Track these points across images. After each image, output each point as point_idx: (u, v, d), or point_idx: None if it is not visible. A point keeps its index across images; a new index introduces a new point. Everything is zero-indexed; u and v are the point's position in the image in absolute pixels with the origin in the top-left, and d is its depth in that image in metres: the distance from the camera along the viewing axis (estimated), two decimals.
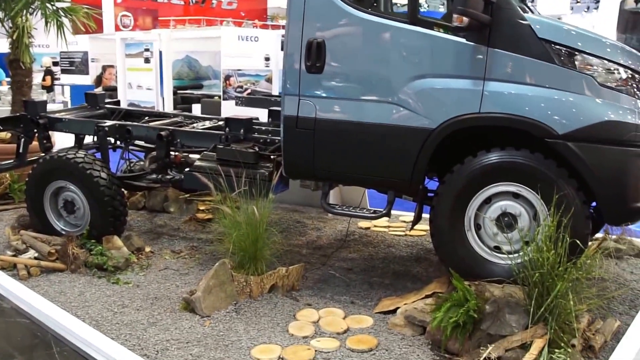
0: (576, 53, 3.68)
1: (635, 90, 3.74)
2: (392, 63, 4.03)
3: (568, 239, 3.40)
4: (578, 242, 3.48)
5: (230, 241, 4.18)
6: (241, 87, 12.32)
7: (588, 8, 22.58)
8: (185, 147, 5.33)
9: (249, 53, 12.40)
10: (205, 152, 4.95)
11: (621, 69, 3.72)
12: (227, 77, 12.29)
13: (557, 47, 3.68)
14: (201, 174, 4.56)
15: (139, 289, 4.45)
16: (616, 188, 3.65)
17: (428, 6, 23.94)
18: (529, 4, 4.50)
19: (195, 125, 5.62)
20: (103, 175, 4.90)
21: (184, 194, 6.37)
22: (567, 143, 3.61)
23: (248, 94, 11.74)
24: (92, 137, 5.67)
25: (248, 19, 21.75)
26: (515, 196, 3.84)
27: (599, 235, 5.19)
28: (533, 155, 3.72)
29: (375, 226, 6.09)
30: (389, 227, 6.09)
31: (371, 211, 4.39)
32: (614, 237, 5.53)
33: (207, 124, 5.66)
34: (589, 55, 3.69)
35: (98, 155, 5.38)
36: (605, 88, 3.66)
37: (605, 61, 3.70)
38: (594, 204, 3.94)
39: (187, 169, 4.92)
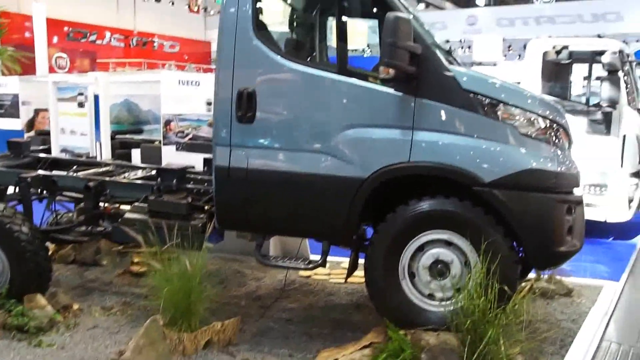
0: (499, 104, 3.82)
1: (554, 139, 3.91)
2: (323, 113, 4.08)
3: (497, 284, 3.46)
4: (506, 288, 3.54)
5: (162, 297, 4.04)
6: (182, 132, 12.14)
7: (519, 56, 23.74)
8: (115, 198, 5.17)
9: (190, 97, 12.28)
10: (136, 204, 4.82)
11: (540, 119, 3.89)
12: (168, 122, 12.10)
13: (481, 98, 3.82)
14: (130, 227, 4.42)
15: (63, 351, 4.20)
16: (540, 233, 3.77)
17: (371, 51, 24.62)
18: (462, 52, 4.67)
19: (126, 175, 5.48)
20: (24, 229, 4.64)
21: (117, 246, 6.16)
22: (493, 191, 3.71)
23: (189, 139, 11.58)
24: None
25: (191, 63, 21.73)
26: (448, 243, 3.90)
27: (531, 275, 5.32)
28: (462, 203, 3.81)
29: (316, 274, 6.02)
30: (330, 274, 6.03)
31: (307, 261, 4.36)
32: (545, 277, 5.68)
33: (140, 173, 5.53)
34: (511, 106, 3.85)
35: (20, 207, 5.14)
36: (526, 137, 3.81)
37: (526, 112, 3.87)
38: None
39: (114, 223, 4.77)
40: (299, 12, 5.06)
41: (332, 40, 4.28)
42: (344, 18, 4.09)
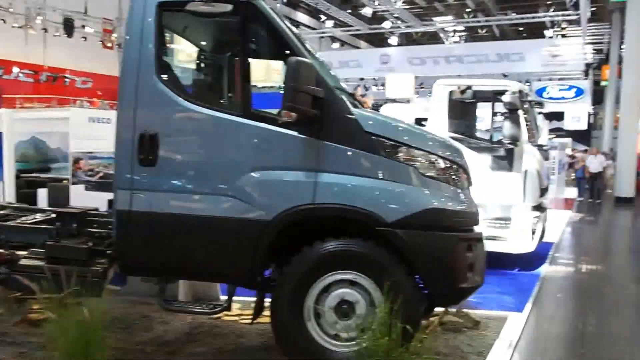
0: (401, 146, 3.94)
1: (454, 179, 4.07)
2: (227, 156, 4.06)
3: (400, 324, 3.50)
4: (409, 326, 3.59)
5: (58, 348, 3.81)
6: (92, 170, 11.70)
7: (431, 93, 24.89)
8: (11, 243, 4.87)
9: (101, 135, 11.89)
10: (33, 250, 4.56)
11: (441, 160, 4.04)
12: (77, 160, 11.64)
13: (383, 140, 3.92)
14: (25, 275, 4.17)
15: None
16: (442, 271, 3.88)
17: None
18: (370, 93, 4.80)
19: (24, 218, 5.19)
20: None
21: (14, 292, 5.77)
22: (395, 231, 3.79)
23: (100, 177, 11.18)
24: None
25: (105, 99, 21.09)
26: (353, 284, 3.92)
27: (440, 310, 5.45)
28: (366, 244, 3.86)
29: (226, 315, 5.88)
30: (240, 315, 5.90)
31: (211, 305, 4.26)
32: (453, 311, 5.83)
33: (39, 216, 5.25)
34: (412, 148, 3.97)
35: None
36: (427, 178, 3.94)
37: (427, 153, 4.00)
38: None
39: (5, 270, 4.49)
40: (205, 53, 5.05)
41: (238, 82, 4.26)
42: (248, 60, 4.12)
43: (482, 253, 4.23)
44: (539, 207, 8.66)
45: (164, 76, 4.15)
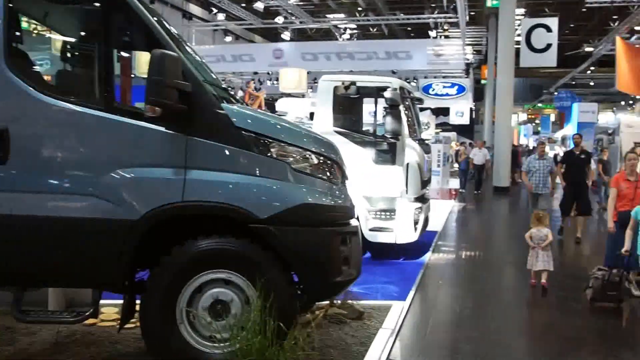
0: (273, 142, 3.87)
1: (328, 174, 4.06)
2: (88, 153, 3.79)
3: (275, 321, 3.44)
4: (283, 324, 3.54)
5: None
6: None
7: None
8: None
9: None
10: None
11: (314, 156, 4.01)
12: None
13: (255, 136, 3.83)
14: None
15: None
16: (316, 266, 3.86)
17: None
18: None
19: None
20: None
21: None
22: (268, 227, 3.72)
23: None
24: None
25: None
26: (227, 283, 3.81)
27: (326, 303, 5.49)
28: (238, 241, 3.76)
29: (102, 321, 5.54)
30: (117, 320, 5.59)
31: (74, 313, 3.97)
32: (338, 302, 5.89)
33: None
34: (284, 144, 3.91)
35: None
36: (300, 174, 3.89)
37: (300, 149, 3.96)
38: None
39: None
40: (64, 41, 4.68)
41: (100, 74, 3.98)
42: (111, 51, 3.88)
43: (358, 246, 4.26)
44: (422, 199, 8.98)
45: (15, 64, 3.78)
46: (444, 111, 39.33)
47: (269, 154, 3.83)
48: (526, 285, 7.52)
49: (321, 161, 4.04)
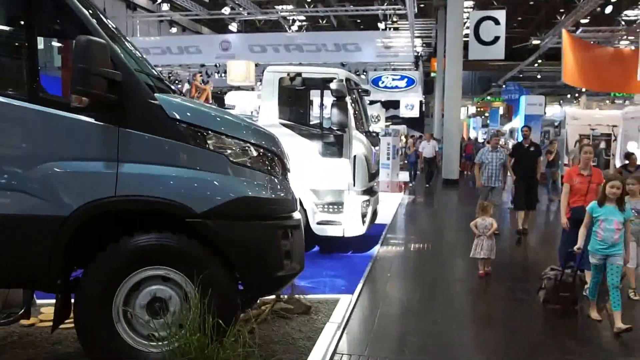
0: (210, 133, 3.75)
1: (268, 167, 3.97)
2: (13, 146, 3.58)
3: (214, 318, 3.34)
4: (222, 321, 3.45)
5: None
6: None
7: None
8: None
9: None
10: None
11: (253, 148, 3.91)
12: None
13: (191, 127, 3.70)
14: None
15: None
16: (256, 261, 3.77)
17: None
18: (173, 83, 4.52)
19: None
20: None
21: None
22: (206, 221, 3.61)
23: None
24: None
25: None
26: (165, 279, 3.68)
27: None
28: (176, 237, 3.63)
29: (42, 321, 5.31)
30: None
31: (4, 314, 3.76)
32: (285, 297, 5.82)
33: None
34: (222, 136, 3.80)
35: None
36: (239, 166, 3.79)
37: (239, 141, 3.85)
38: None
39: None
40: None
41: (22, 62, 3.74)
42: (35, 37, 3.66)
43: (301, 239, 4.20)
44: (370, 191, 8.99)
45: None
46: (394, 104, 39.74)
47: (206, 146, 3.71)
48: (474, 276, 7.65)
49: (261, 153, 3.95)
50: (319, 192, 8.58)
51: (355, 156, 8.37)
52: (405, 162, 23.63)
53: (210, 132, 3.73)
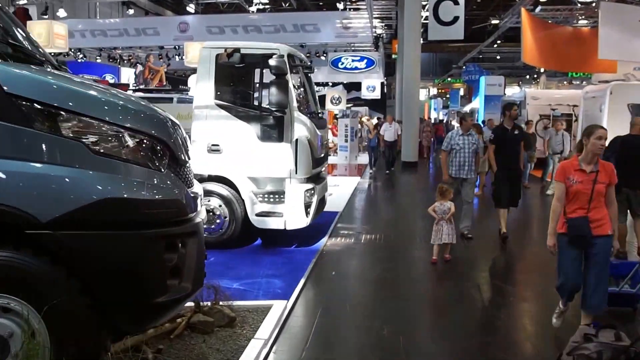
0: (63, 114, 2.81)
1: (149, 158, 3.05)
2: None
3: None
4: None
5: None
6: None
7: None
8: None
9: None
10: None
11: (127, 134, 2.98)
12: None
13: (36, 105, 2.76)
14: None
15: None
16: (126, 283, 2.86)
17: None
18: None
19: None
20: None
21: None
22: (54, 233, 2.69)
23: None
24: None
25: None
26: (5, 310, 2.76)
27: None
28: (17, 254, 2.70)
29: None
30: None
31: None
32: (207, 305, 4.97)
33: None
34: (82, 117, 2.85)
35: None
36: (105, 158, 2.86)
37: (107, 124, 2.92)
38: None
39: None
40: None
41: None
42: None
43: (197, 250, 3.29)
44: (315, 179, 8.15)
45: None
46: (357, 86, 39.01)
47: (57, 131, 2.77)
48: (431, 274, 6.94)
49: (141, 142, 3.02)
50: (257, 180, 7.70)
51: (297, 140, 7.49)
52: (365, 144, 22.70)
53: (64, 112, 2.79)
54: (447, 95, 51.36)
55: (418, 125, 20.74)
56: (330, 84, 41.04)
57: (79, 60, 28.20)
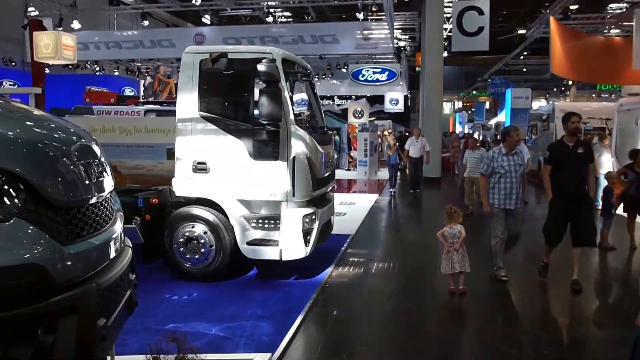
0: None
1: None
2: None
3: None
4: None
5: None
6: None
7: None
8: None
9: None
10: None
11: None
12: None
13: None
14: None
15: None
16: None
17: None
18: None
19: None
20: None
21: None
22: None
23: None
24: None
25: None
26: None
27: None
28: None
29: None
30: None
31: None
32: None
33: None
34: None
35: None
36: None
37: None
38: None
39: None
40: None
41: None
42: None
43: (79, 335, 2.26)
44: (318, 201, 7.16)
45: None
46: (380, 99, 38.09)
47: None
48: (444, 305, 5.90)
49: None
50: (249, 203, 6.75)
51: (294, 158, 6.53)
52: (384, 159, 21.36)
53: None
54: (472, 109, 50.15)
55: (440, 139, 19.65)
56: (354, 97, 40.24)
57: (97, 73, 27.85)
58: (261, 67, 6.16)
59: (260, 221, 6.69)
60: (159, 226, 6.84)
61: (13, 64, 25.30)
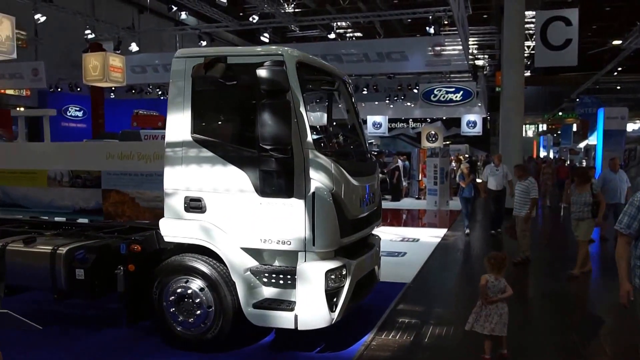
0: None
1: None
2: None
3: None
4: None
5: None
6: None
7: None
8: None
9: None
10: None
11: None
12: None
13: None
14: None
15: None
16: None
17: None
18: None
19: None
20: None
21: None
22: None
23: None
24: None
25: None
26: None
27: None
28: None
29: None
30: None
31: None
32: None
33: None
34: None
35: None
36: None
37: None
38: None
39: None
40: None
41: None
42: None
43: None
44: (351, 251, 5.45)
45: None
46: (457, 122, 35.97)
47: None
48: None
49: None
50: (257, 252, 5.16)
51: (314, 194, 4.89)
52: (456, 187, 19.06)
53: None
54: (558, 132, 46.67)
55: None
56: (428, 120, 38.11)
57: (161, 98, 27.54)
58: (261, 73, 4.60)
59: (272, 276, 5.07)
60: (146, 279, 5.37)
61: (79, 89, 25.36)
